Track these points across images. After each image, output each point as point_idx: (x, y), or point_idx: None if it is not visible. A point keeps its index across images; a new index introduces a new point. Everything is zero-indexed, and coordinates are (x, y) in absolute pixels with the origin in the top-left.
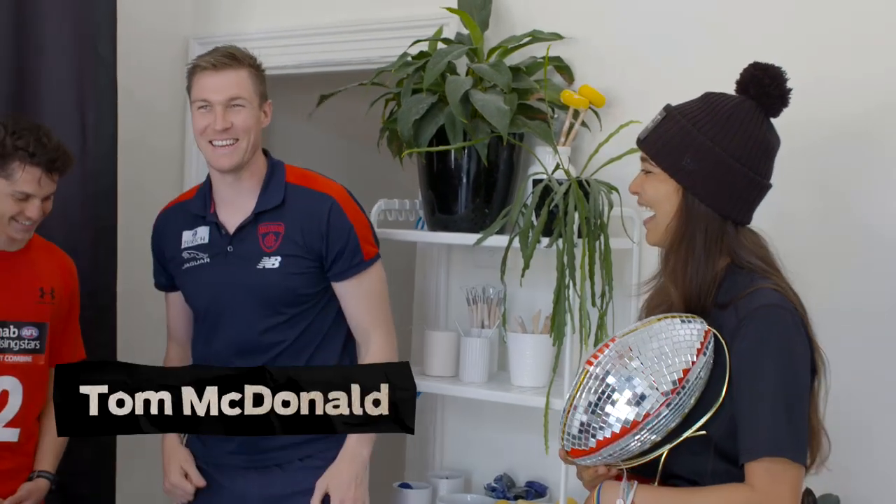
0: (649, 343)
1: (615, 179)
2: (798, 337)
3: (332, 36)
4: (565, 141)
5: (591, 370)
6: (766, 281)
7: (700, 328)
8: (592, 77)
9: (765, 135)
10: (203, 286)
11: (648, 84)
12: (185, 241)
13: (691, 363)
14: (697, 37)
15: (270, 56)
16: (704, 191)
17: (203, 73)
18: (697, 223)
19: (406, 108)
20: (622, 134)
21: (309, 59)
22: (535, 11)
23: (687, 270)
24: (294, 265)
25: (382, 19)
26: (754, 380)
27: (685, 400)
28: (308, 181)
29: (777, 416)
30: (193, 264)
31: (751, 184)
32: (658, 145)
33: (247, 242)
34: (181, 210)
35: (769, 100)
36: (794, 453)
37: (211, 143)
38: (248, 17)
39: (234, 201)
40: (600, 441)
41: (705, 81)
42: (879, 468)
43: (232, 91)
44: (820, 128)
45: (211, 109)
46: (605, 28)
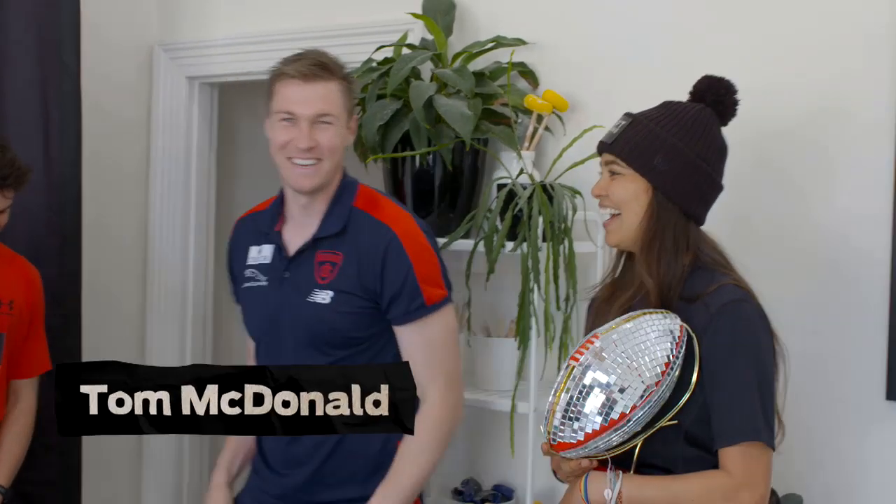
0: (631, 339)
1: (579, 183)
2: (764, 329)
3: (297, 42)
4: (529, 145)
5: (576, 365)
6: (727, 277)
7: (677, 323)
8: (556, 82)
9: (721, 139)
10: (257, 312)
11: (611, 89)
12: (250, 258)
13: (672, 356)
14: (659, 42)
15: (235, 62)
16: (674, 190)
17: (289, 82)
18: (667, 221)
19: (371, 113)
20: (585, 138)
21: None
22: (499, 17)
23: (660, 265)
24: (346, 303)
25: (347, 25)
26: (730, 371)
27: (665, 391)
28: (374, 207)
29: (753, 403)
30: (252, 285)
31: (713, 184)
32: (628, 147)
33: (303, 269)
34: (252, 223)
35: (723, 108)
36: (768, 438)
37: (290, 160)
38: (213, 23)
39: (301, 222)
40: (588, 434)
41: (667, 86)
42: (837, 465)
43: (320, 106)
44: (771, 130)
45: (295, 124)
46: (568, 33)
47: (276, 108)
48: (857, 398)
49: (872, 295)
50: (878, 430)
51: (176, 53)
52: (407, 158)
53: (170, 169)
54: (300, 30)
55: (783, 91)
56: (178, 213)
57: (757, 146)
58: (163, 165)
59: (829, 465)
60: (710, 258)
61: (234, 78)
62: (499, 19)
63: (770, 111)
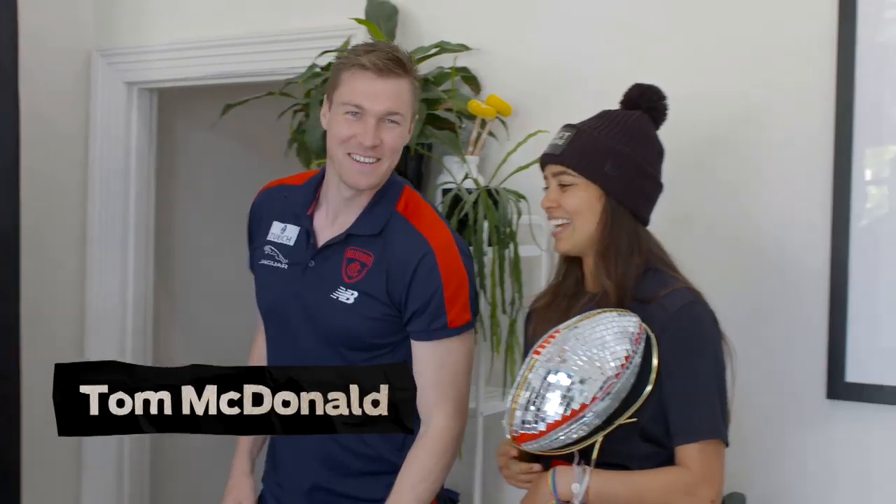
0: (592, 334)
1: (523, 188)
2: (717, 330)
3: (237, 47)
4: (473, 150)
5: (538, 358)
6: (677, 281)
7: (636, 321)
8: (498, 87)
9: (659, 141)
10: (271, 293)
11: (553, 94)
12: (272, 233)
13: (632, 351)
14: (600, 49)
15: (175, 68)
16: (625, 194)
17: (362, 73)
18: (621, 225)
19: (314, 119)
20: (530, 143)
21: (214, 70)
22: (442, 22)
23: (617, 268)
24: (370, 307)
25: (288, 31)
26: (689, 370)
27: (626, 384)
28: (416, 216)
29: (711, 401)
30: (270, 263)
31: (656, 186)
32: (577, 157)
33: (330, 263)
34: (281, 195)
35: (657, 113)
36: (726, 435)
37: (349, 155)
38: (151, 28)
39: (336, 213)
40: (550, 424)
41: (607, 93)
42: (779, 464)
43: (391, 104)
44: (709, 135)
45: (361, 118)
46: (510, 39)
47: (343, 98)
48: (799, 397)
49: (812, 295)
50: (819, 429)
51: (114, 59)
52: None
53: (108, 176)
54: (242, 35)
55: (720, 98)
56: (117, 221)
57: (695, 151)
58: (101, 173)
59: (771, 463)
60: (659, 259)
61: (174, 84)
62: (441, 25)
63: (707, 117)
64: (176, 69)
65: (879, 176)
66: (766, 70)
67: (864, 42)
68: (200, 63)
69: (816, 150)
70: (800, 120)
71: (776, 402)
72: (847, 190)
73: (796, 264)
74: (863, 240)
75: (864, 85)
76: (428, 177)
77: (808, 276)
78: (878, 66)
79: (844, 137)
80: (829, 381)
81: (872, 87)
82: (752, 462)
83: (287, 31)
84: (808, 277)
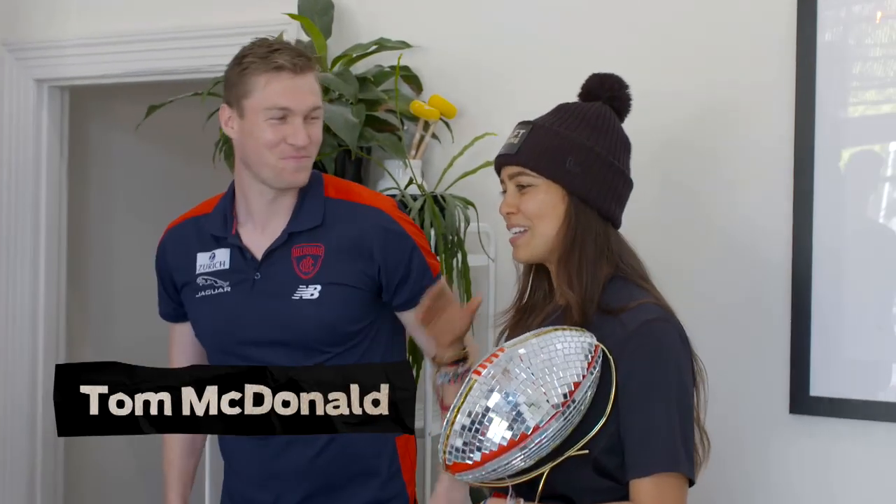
0: (539, 354)
1: (471, 193)
2: (684, 350)
3: (158, 43)
4: (416, 154)
5: (478, 380)
6: (647, 294)
7: (591, 342)
8: (441, 87)
9: (624, 134)
10: (223, 320)
11: (498, 94)
12: (200, 265)
13: (582, 377)
14: (549, 46)
15: (89, 64)
16: (591, 192)
17: (280, 74)
18: (588, 228)
19: None
20: (476, 146)
21: (133, 67)
22: (381, 18)
23: (582, 276)
24: (337, 295)
25: (214, 25)
26: (647, 395)
27: (574, 415)
28: (352, 194)
29: (672, 431)
30: (211, 293)
31: (625, 181)
32: (535, 155)
33: (278, 268)
34: (194, 227)
35: (619, 103)
36: (688, 468)
37: (282, 159)
38: (64, 21)
39: (264, 222)
40: (485, 455)
41: (557, 91)
42: (743, 480)
43: (314, 99)
44: (669, 139)
45: (287, 120)
46: (454, 36)
47: (264, 104)
48: (762, 412)
49: (774, 307)
50: (783, 445)
51: (23, 54)
52: None
53: (17, 178)
54: (162, 30)
55: (678, 97)
56: (27, 225)
57: (652, 152)
58: (9, 175)
59: (733, 480)
60: (631, 267)
61: (88, 81)
62: (380, 21)
63: (665, 117)
64: (91, 66)
65: (841, 184)
66: (726, 70)
67: (824, 42)
68: (118, 59)
69: (777, 157)
70: (760, 126)
71: (738, 417)
72: (809, 199)
73: (758, 279)
74: (825, 250)
75: (824, 87)
76: (367, 182)
77: (770, 290)
78: (838, 67)
79: (806, 143)
80: (792, 395)
81: (833, 89)
82: (714, 479)
83: (213, 25)
84: (771, 291)
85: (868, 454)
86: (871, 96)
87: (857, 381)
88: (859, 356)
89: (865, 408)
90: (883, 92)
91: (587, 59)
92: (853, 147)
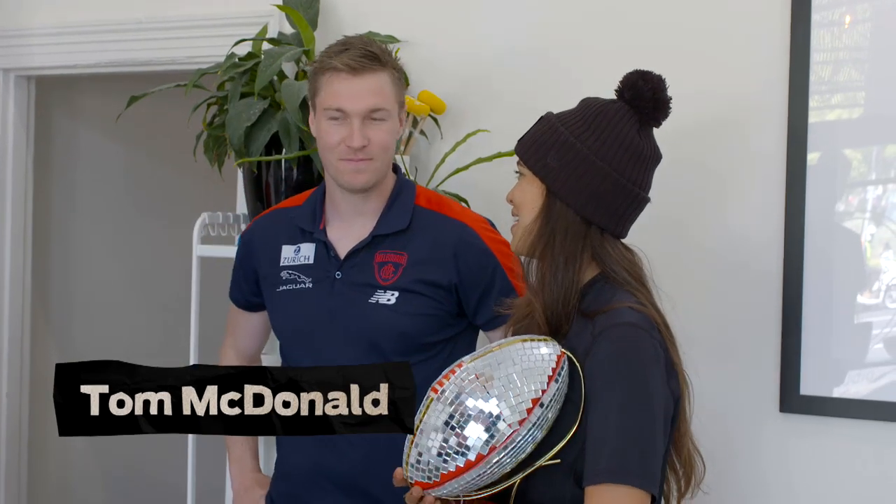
0: (498, 369)
1: (463, 190)
2: (654, 358)
3: (132, 33)
4: (405, 149)
5: (435, 397)
6: (629, 298)
7: (552, 352)
8: (428, 83)
9: (635, 139)
10: (300, 316)
11: (488, 91)
12: (285, 258)
13: (541, 391)
14: (541, 40)
15: (58, 54)
16: (564, 188)
17: (337, 76)
18: (557, 223)
19: (235, 113)
20: (468, 142)
21: (108, 57)
22: (366, 12)
23: (547, 277)
24: (413, 304)
25: (192, 15)
26: (603, 402)
27: (535, 431)
28: (442, 207)
29: (624, 439)
30: (292, 287)
31: (617, 187)
32: (526, 146)
33: (359, 270)
34: (283, 218)
35: (643, 103)
36: (640, 479)
37: (341, 160)
38: (32, 9)
39: (351, 221)
40: (444, 475)
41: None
42: (734, 481)
43: (373, 101)
44: None
45: (345, 121)
46: (442, 31)
47: (324, 104)
48: (752, 411)
49: (764, 306)
50: (773, 444)
51: None
52: (272, 162)
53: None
54: (138, 20)
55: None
56: None
57: None
58: None
59: (724, 480)
60: (620, 275)
61: (58, 71)
62: (366, 15)
63: None
64: (59, 55)
65: (833, 185)
66: (719, 76)
67: (817, 46)
68: (88, 49)
69: (769, 163)
70: (752, 128)
71: (728, 416)
72: (801, 199)
73: (749, 278)
74: (816, 252)
75: (817, 92)
76: None
77: (761, 290)
78: (830, 74)
79: (797, 147)
80: (782, 394)
81: (826, 95)
82: (705, 479)
83: (190, 15)
84: (761, 291)
85: (858, 452)
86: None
87: (848, 379)
88: (848, 355)
89: (855, 406)
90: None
91: (577, 58)
92: (846, 150)
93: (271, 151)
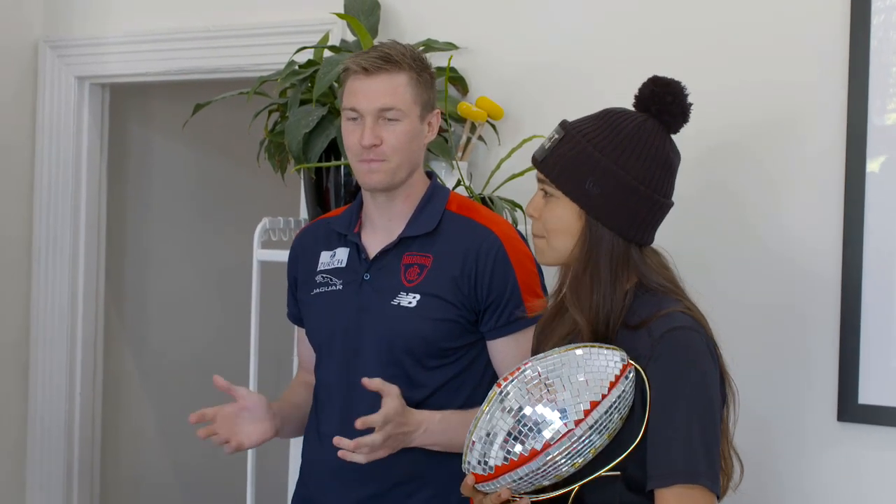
0: (561, 370)
1: (518, 196)
2: (710, 360)
3: (200, 41)
4: (462, 155)
5: (498, 392)
6: (676, 303)
7: (618, 361)
8: (486, 89)
9: (667, 153)
10: (329, 316)
11: (545, 97)
12: (321, 263)
13: (602, 395)
14: (596, 48)
15: (132, 62)
16: (608, 216)
17: (353, 77)
18: (602, 248)
19: (294, 120)
20: (524, 148)
21: (176, 65)
22: (426, 19)
23: (593, 297)
24: (433, 308)
25: (256, 24)
26: (668, 404)
27: (592, 435)
28: (471, 212)
29: (692, 441)
30: (324, 290)
31: (654, 205)
32: (558, 168)
33: (386, 272)
34: (324, 227)
35: (670, 116)
36: (710, 481)
37: (358, 161)
38: (107, 19)
39: (382, 224)
40: (499, 467)
41: (604, 93)
42: (792, 489)
43: (384, 100)
44: (717, 143)
45: (361, 121)
46: (500, 37)
47: (343, 105)
48: (809, 420)
49: (822, 314)
50: (830, 453)
51: (64, 51)
52: (331, 168)
53: (57, 177)
54: (206, 28)
55: (729, 104)
56: (66, 225)
57: (700, 160)
58: (49, 173)
59: (780, 489)
60: (657, 283)
61: (130, 79)
62: (425, 22)
63: (715, 124)
64: (133, 63)
65: (893, 192)
66: (778, 77)
67: (876, 50)
68: (160, 57)
69: (828, 165)
70: (816, 131)
71: (785, 424)
72: (860, 206)
73: (807, 283)
74: (876, 257)
75: (876, 96)
76: None
77: (818, 296)
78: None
79: (857, 153)
80: (840, 402)
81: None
82: (761, 488)
83: (255, 24)
84: (819, 296)
85: None
86: None
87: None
88: None
89: None
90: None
91: (636, 61)
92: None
93: (330, 157)
